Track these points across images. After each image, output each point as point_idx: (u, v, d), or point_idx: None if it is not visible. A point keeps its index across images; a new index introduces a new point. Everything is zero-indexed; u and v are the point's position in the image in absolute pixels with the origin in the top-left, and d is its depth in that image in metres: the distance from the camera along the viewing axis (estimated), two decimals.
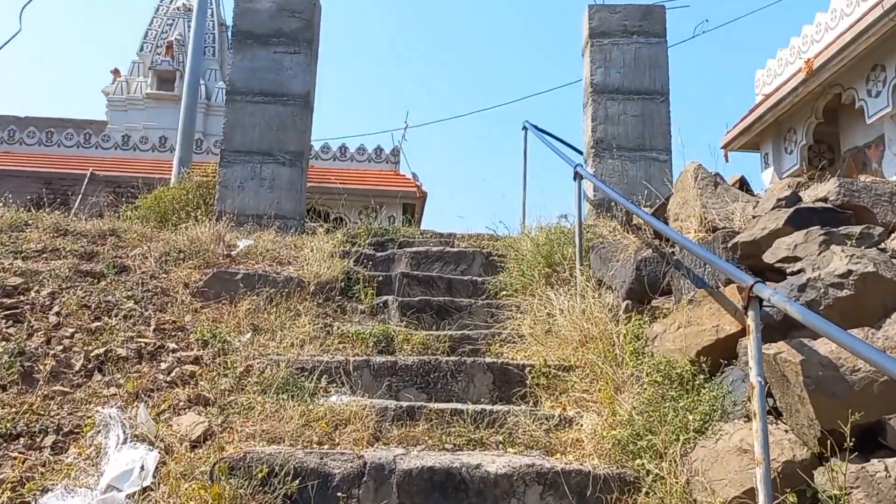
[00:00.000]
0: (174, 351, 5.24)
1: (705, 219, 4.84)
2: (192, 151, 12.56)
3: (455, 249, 7.77)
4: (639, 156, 9.04)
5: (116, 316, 5.65)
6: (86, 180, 20.07)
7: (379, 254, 7.77)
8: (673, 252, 5.22)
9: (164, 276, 6.58)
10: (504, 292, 6.92)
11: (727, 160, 17.77)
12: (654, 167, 8.99)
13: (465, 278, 7.23)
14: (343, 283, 6.81)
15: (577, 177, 6.86)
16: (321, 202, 21.08)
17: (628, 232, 6.49)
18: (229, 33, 9.69)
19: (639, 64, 9.32)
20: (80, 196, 19.72)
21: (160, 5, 26.04)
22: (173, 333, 5.59)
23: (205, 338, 5.43)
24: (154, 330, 5.55)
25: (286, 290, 6.37)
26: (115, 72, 24.70)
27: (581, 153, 9.62)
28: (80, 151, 21.75)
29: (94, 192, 19.89)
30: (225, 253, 7.08)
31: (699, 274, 4.54)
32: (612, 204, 7.96)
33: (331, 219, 21.04)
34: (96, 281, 6.32)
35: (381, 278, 7.02)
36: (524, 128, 10.10)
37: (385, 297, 6.69)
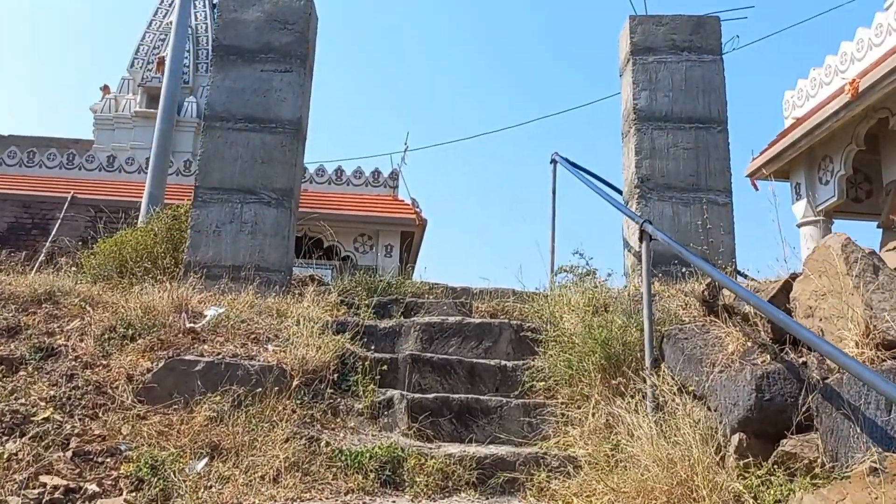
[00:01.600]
0: (93, 498, 3.71)
1: (873, 327, 3.28)
2: (164, 186, 10.92)
3: (476, 321, 6.24)
4: (693, 197, 7.53)
5: (24, 435, 4.12)
6: (66, 204, 18.56)
7: (382, 325, 6.23)
8: (804, 361, 3.70)
9: (104, 363, 5.07)
10: (542, 384, 5.42)
11: (756, 188, 16.32)
12: (712, 211, 7.48)
13: (492, 363, 5.70)
14: (336, 372, 5.29)
15: (644, 237, 5.29)
16: (315, 228, 19.61)
17: (713, 313, 4.96)
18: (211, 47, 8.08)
19: (690, 86, 7.83)
20: (60, 221, 18.24)
21: (152, 20, 24.54)
22: (99, 461, 4.05)
23: (140, 472, 3.89)
24: (73, 457, 4.02)
25: (261, 387, 4.85)
26: (105, 88, 23.15)
27: (620, 192, 8.12)
28: (62, 173, 20.20)
29: (75, 217, 18.46)
30: (187, 327, 5.54)
31: (879, 421, 3.01)
32: (676, 262, 6.51)
33: (324, 246, 19.64)
34: (11, 372, 4.83)
35: (384, 363, 5.49)
36: (552, 161, 8.59)
37: (390, 393, 5.17)
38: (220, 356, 5.13)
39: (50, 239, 16.94)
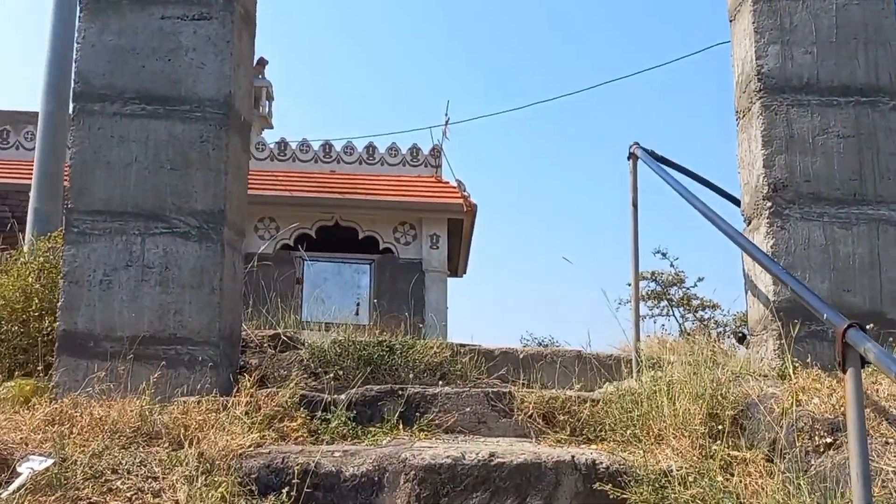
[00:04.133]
0: None
1: None
2: (59, 199, 8.13)
3: (515, 461, 3.51)
4: (856, 215, 4.75)
5: None
6: None
7: (350, 468, 3.51)
8: None
9: None
10: None
11: None
12: (885, 236, 4.72)
13: None
14: None
15: (849, 357, 2.61)
16: (347, 217, 17.05)
17: None
18: None
19: (845, 35, 5.02)
20: None
21: None
22: None
23: None
24: None
25: None
26: None
27: (738, 204, 5.36)
28: None
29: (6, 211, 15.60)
30: None
31: None
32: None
33: (359, 238, 17.06)
34: None
35: None
36: (631, 155, 5.77)
37: None
38: None
39: None
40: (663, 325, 25.70)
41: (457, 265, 19.57)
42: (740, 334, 6.45)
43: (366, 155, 18.15)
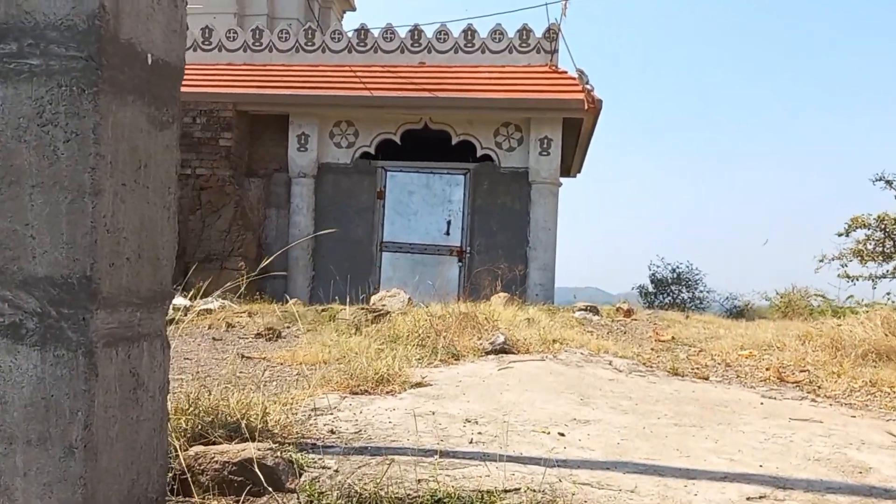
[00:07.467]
0: None
1: None
2: None
3: None
4: None
5: None
6: None
7: None
8: None
9: None
10: None
11: None
12: None
13: None
14: None
15: None
16: (438, 119, 14.46)
17: None
18: None
19: None
20: None
21: None
22: None
23: None
24: None
25: None
26: None
27: None
28: None
29: None
30: None
31: None
32: None
33: (453, 143, 14.53)
34: None
35: None
36: None
37: None
38: None
39: None
40: (888, 292, 17.15)
41: (570, 165, 16.93)
42: None
43: (463, 41, 15.21)
